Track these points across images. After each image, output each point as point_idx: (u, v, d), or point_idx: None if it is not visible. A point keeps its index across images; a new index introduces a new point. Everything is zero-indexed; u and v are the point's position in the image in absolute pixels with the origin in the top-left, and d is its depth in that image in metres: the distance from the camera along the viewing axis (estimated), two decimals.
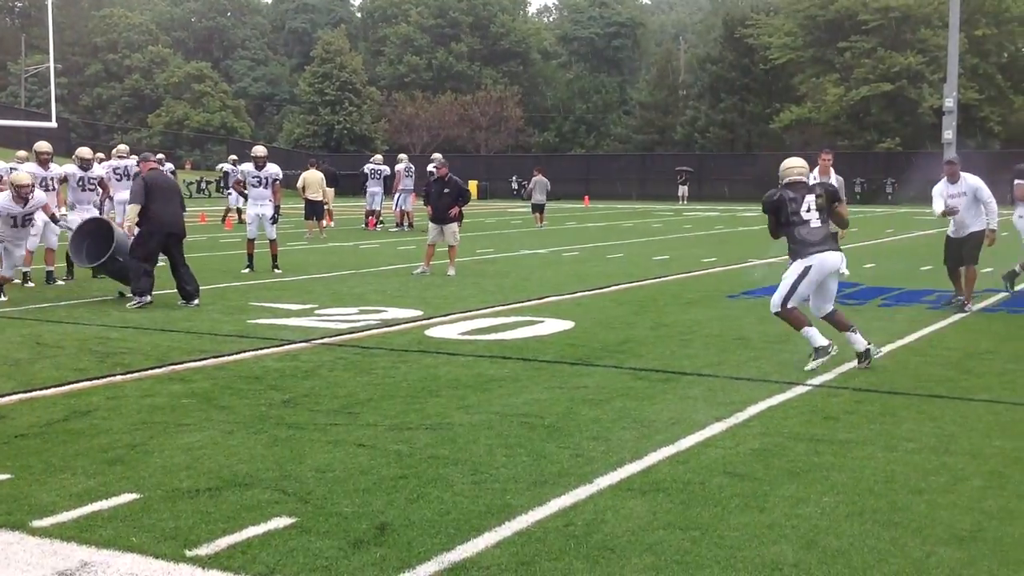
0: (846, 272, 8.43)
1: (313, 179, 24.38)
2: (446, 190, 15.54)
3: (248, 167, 16.25)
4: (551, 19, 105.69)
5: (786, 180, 8.25)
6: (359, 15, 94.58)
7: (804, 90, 59.12)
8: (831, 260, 8.10)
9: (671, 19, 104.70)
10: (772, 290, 8.56)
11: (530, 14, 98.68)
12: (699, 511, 4.74)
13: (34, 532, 4.39)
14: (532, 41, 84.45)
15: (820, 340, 8.06)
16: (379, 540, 4.35)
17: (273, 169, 16.09)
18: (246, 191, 16.51)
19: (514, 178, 57.95)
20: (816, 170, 12.64)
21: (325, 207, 25.08)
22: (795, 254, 8.14)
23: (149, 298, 11.77)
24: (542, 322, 10.67)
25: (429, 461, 5.52)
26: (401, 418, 6.49)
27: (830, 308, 8.31)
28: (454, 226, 15.59)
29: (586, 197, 51.95)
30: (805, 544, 4.33)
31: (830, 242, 8.20)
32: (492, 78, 78.11)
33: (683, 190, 51.71)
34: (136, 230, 12.02)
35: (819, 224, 8.11)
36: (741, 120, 63.57)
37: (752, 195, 51.68)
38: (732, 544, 4.33)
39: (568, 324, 10.51)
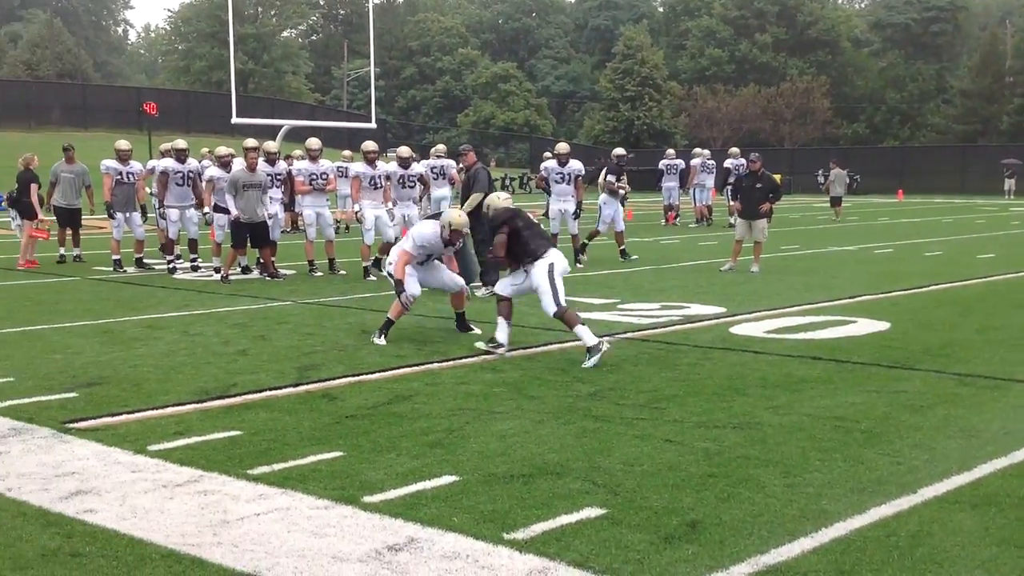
0: (568, 270, 8.82)
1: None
2: (758, 185, 15.18)
3: (551, 164, 16.57)
4: (863, 5, 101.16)
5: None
6: (661, 10, 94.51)
7: None
8: (562, 258, 8.70)
9: (996, 1, 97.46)
10: None
11: (840, 1, 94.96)
12: None
13: (365, 507, 4.68)
14: (842, 29, 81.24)
15: (591, 339, 8.14)
16: (690, 537, 4.31)
17: (576, 165, 16.34)
18: (549, 188, 16.84)
19: (820, 172, 56.02)
20: None
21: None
22: (533, 255, 8.55)
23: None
24: (854, 322, 10.22)
25: (739, 461, 5.41)
26: (708, 415, 6.41)
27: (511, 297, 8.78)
28: (763, 222, 15.22)
29: (900, 191, 49.36)
30: None
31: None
32: (798, 68, 75.84)
33: (1009, 184, 48.04)
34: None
35: (541, 228, 8.96)
36: None
37: None
38: None
39: (883, 325, 10.01)
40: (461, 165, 13.11)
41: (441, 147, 19.36)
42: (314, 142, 15.31)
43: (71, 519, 4.54)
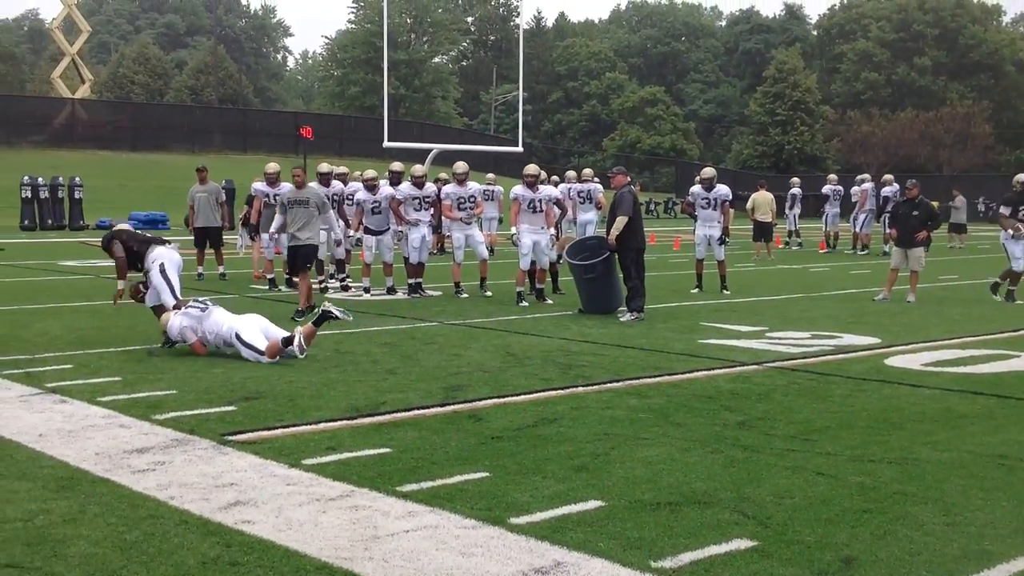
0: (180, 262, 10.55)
1: (763, 200, 24.22)
2: (915, 212, 14.69)
3: (698, 189, 16.38)
4: None
5: None
6: (815, 33, 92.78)
7: None
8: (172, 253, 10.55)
9: None
10: None
11: (1004, 23, 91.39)
12: None
13: (512, 529, 4.70)
14: (1005, 52, 78.16)
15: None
16: (845, 574, 4.18)
17: (723, 190, 16.13)
18: (695, 213, 16.62)
19: (981, 199, 53.95)
20: None
21: (774, 228, 24.81)
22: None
23: (644, 315, 12.37)
24: (1018, 356, 9.78)
25: (895, 497, 5.23)
26: (862, 449, 6.22)
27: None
28: (920, 250, 14.73)
29: None
30: None
31: None
32: (959, 92, 73.27)
33: None
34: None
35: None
36: None
37: None
38: None
39: None
40: (613, 186, 12.96)
41: (588, 171, 19.37)
42: (461, 166, 15.34)
43: (230, 529, 4.70)
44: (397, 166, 15.57)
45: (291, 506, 5.03)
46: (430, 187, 15.46)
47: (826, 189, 27.38)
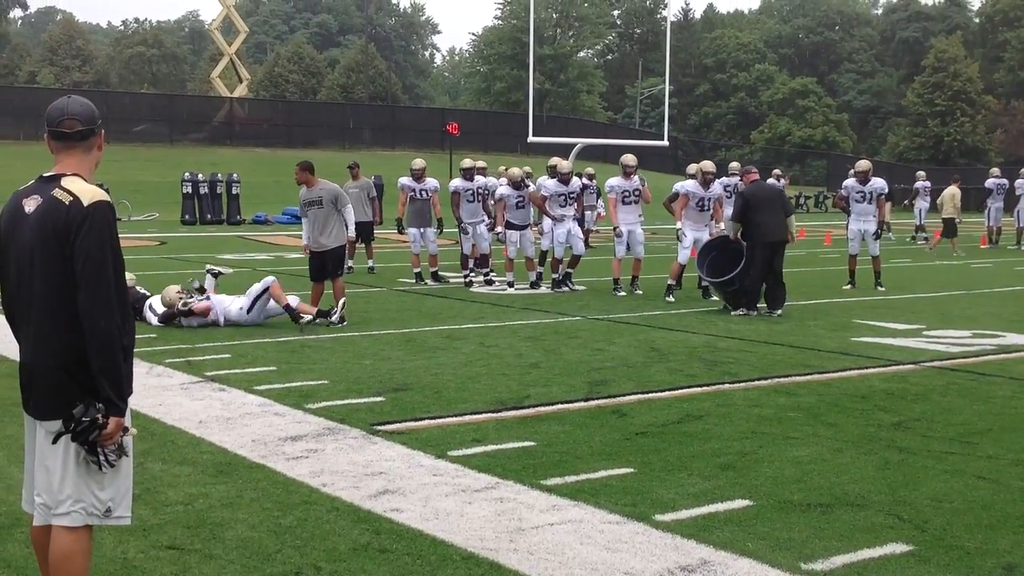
0: None
1: (947, 196, 23.33)
2: None
3: (851, 182, 15.88)
4: None
5: None
6: (977, 20, 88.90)
7: None
8: None
9: None
10: None
11: None
12: None
13: (657, 525, 4.66)
14: None
15: None
16: None
17: (878, 183, 15.62)
18: (848, 207, 16.12)
19: None
20: None
21: (957, 224, 23.77)
22: None
23: (755, 312, 12.13)
24: None
25: None
26: None
27: None
28: None
29: None
30: None
31: None
32: None
33: None
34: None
35: None
36: None
37: None
38: None
39: None
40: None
41: (735, 164, 19.04)
42: (629, 158, 14.76)
43: (379, 516, 4.80)
44: (564, 166, 15.42)
45: (438, 496, 5.10)
46: (575, 182, 15.39)
47: (989, 183, 26.23)
